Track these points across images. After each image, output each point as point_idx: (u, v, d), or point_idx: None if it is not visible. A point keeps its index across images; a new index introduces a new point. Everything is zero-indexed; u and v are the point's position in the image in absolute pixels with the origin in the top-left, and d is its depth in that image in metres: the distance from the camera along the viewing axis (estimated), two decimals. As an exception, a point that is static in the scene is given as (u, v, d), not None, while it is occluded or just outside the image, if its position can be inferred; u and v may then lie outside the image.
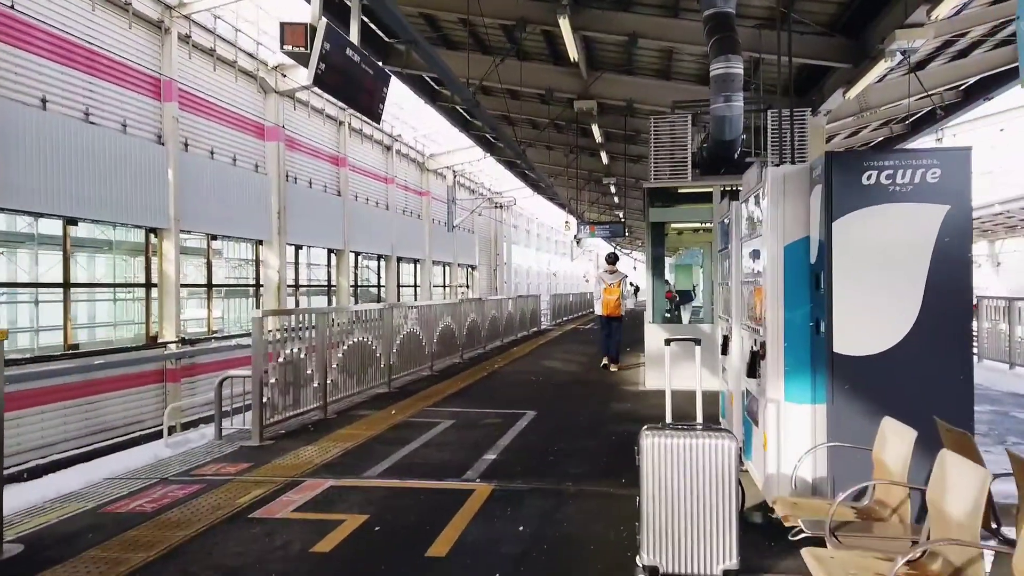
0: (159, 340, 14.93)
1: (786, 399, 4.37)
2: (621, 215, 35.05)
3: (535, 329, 22.88)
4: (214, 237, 17.39)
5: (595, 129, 21.49)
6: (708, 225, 13.79)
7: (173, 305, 15.03)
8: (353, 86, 5.82)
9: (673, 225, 13.96)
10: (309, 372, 7.83)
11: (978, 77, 14.92)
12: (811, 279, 4.30)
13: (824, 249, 4.07)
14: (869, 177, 3.96)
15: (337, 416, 8.12)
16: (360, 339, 9.20)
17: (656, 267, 10.29)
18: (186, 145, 15.84)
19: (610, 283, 11.99)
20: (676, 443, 3.52)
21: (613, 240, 49.23)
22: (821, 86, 12.74)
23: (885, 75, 14.67)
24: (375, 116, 6.49)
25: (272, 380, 7.06)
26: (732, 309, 6.15)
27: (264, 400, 6.90)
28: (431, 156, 32.04)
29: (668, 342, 5.22)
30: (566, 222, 25.22)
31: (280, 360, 7.24)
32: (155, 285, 15.06)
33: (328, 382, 8.22)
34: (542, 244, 60.10)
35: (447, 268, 35.86)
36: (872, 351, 3.95)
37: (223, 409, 7.42)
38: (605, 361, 12.45)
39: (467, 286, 39.05)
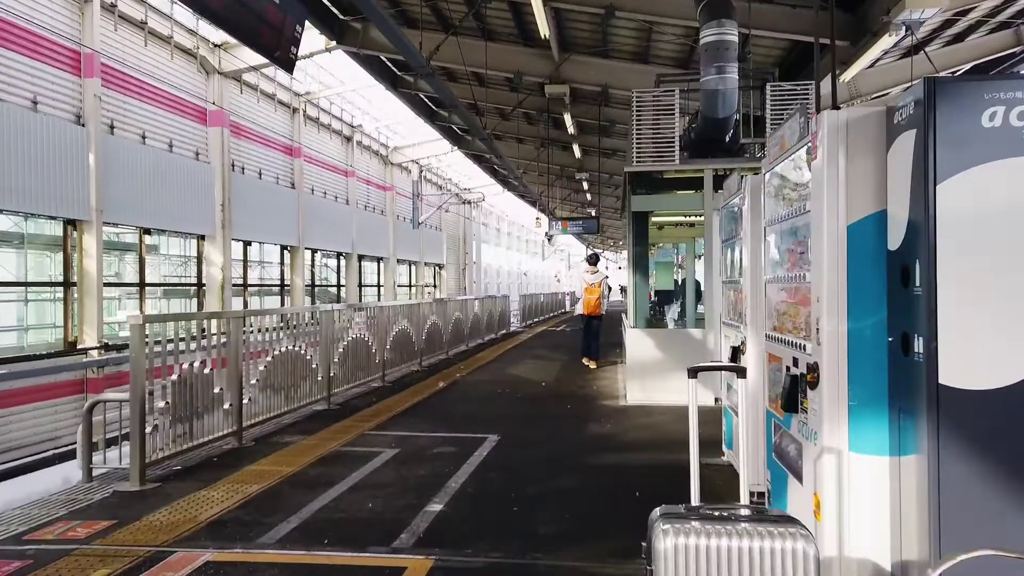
0: (79, 346, 13.23)
1: (851, 448, 3.01)
2: (594, 212, 33.81)
3: (504, 332, 21.48)
4: (147, 231, 15.69)
5: (567, 119, 20.14)
6: (694, 218, 12.56)
7: (95, 306, 13.33)
8: (250, 16, 4.32)
9: (654, 218, 12.70)
10: (218, 390, 6.32)
11: (974, 63, 13.92)
12: (890, 273, 2.95)
13: (919, 229, 2.70)
14: (993, 116, 2.60)
15: (255, 444, 6.62)
16: (290, 348, 7.70)
17: (638, 263, 8.95)
18: (112, 127, 14.13)
19: (591, 283, 11.97)
20: (715, 546, 2.11)
21: (586, 237, 48.06)
22: (809, 69, 11.54)
23: (879, 59, 13.58)
24: (285, 63, 5.03)
25: (162, 403, 5.55)
26: (748, 314, 4.77)
27: (150, 429, 5.39)
28: (395, 149, 30.46)
29: (694, 373, 3.68)
30: (537, 218, 23.93)
31: (174, 378, 5.74)
32: (74, 284, 13.35)
33: (245, 401, 6.73)
34: (513, 243, 58.75)
35: (413, 267, 34.30)
36: (1006, 382, 2.59)
37: (108, 437, 5.89)
38: (585, 361, 12.49)
39: (434, 286, 37.52)
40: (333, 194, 24.85)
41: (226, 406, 6.45)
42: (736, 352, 5.14)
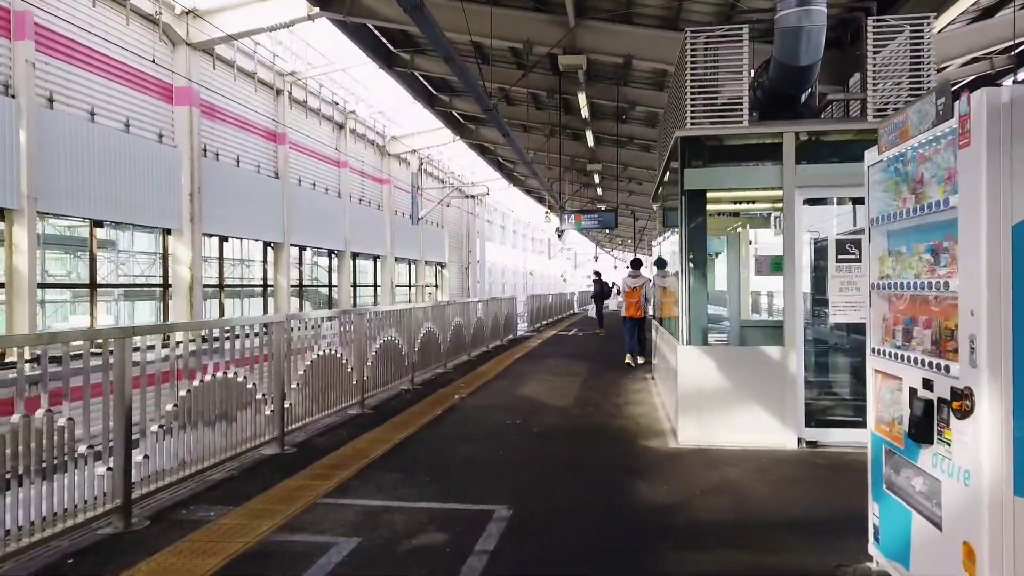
0: (5, 358, 11.12)
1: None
2: (605, 207, 31.57)
3: (510, 337, 19.32)
4: (99, 224, 13.58)
5: (581, 100, 17.97)
6: (743, 205, 10.39)
7: (26, 311, 11.22)
8: None
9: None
10: (80, 437, 4.18)
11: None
12: None
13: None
14: None
15: (150, 524, 4.47)
16: (221, 376, 5.55)
17: (695, 258, 6.76)
18: (51, 101, 12.02)
19: (632, 287, 12.64)
20: None
21: (602, 232, 45.88)
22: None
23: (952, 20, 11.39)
24: None
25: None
26: (984, 345, 2.67)
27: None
28: (392, 138, 28.32)
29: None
30: (546, 213, 21.82)
31: (14, 419, 3.61)
32: (1, 285, 11.24)
33: (138, 459, 4.59)
34: (518, 241, 56.61)
35: (412, 266, 32.17)
36: None
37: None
38: (628, 360, 12.62)
39: (436, 286, 35.40)
40: (323, 186, 22.72)
41: (101, 470, 4.30)
42: (935, 408, 2.98)
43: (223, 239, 17.59)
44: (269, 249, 19.77)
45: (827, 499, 4.93)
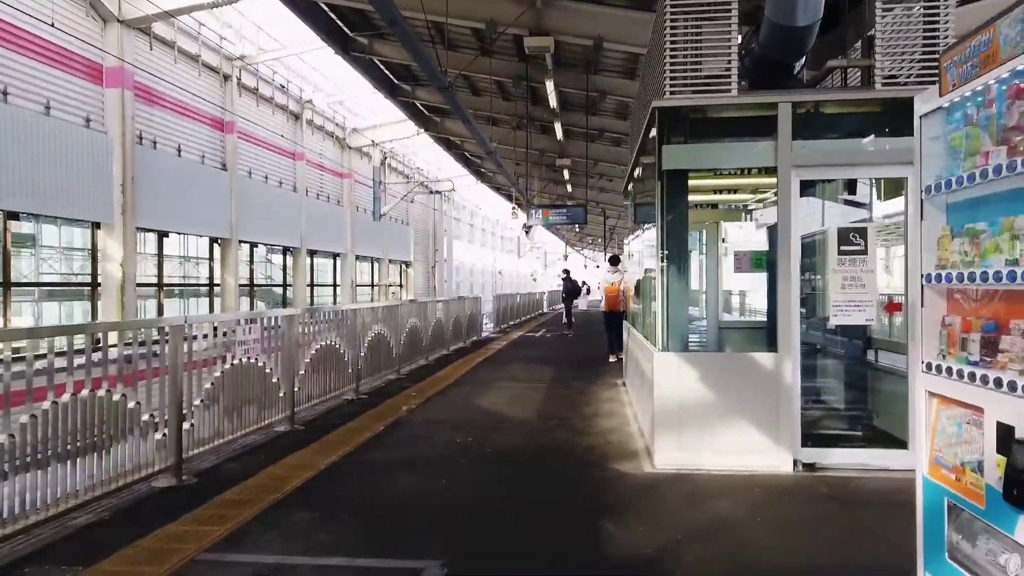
0: None
1: None
2: (573, 204, 30.58)
3: (474, 339, 18.27)
4: (13, 215, 12.24)
5: (549, 88, 17.00)
6: (723, 196, 9.52)
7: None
8: None
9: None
10: None
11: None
12: None
13: None
14: None
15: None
16: (87, 394, 4.43)
17: (674, 250, 5.77)
18: (-50, 76, 10.70)
19: (612, 282, 12.87)
20: None
21: (572, 231, 44.93)
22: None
23: None
24: None
25: None
26: None
27: None
28: (353, 131, 27.07)
29: None
30: (513, 210, 20.78)
31: None
32: None
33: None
34: (487, 240, 55.54)
35: (376, 264, 30.94)
36: None
37: None
38: (612, 358, 12.68)
39: (400, 285, 34.19)
40: (277, 179, 21.44)
41: None
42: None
43: (162, 234, 16.27)
44: (216, 246, 18.47)
45: (842, 547, 3.97)
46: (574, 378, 11.06)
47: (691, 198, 10.12)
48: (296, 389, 7.39)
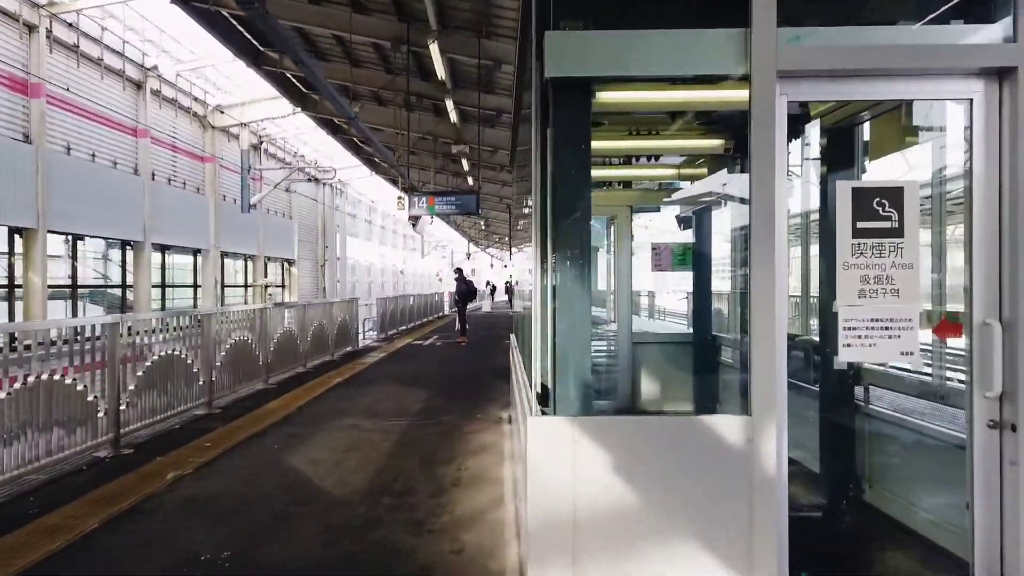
0: None
1: None
2: (460, 190, 27.79)
3: (347, 350, 15.35)
4: None
5: (435, 53, 14.28)
6: (632, 171, 7.20)
7: None
8: None
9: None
10: None
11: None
12: None
13: None
14: None
15: None
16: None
17: (564, 238, 3.16)
18: None
19: None
20: None
21: (477, 228, 42.21)
22: None
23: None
24: None
25: None
26: None
27: None
28: (218, 108, 23.46)
29: None
30: (399, 198, 17.99)
31: None
32: None
33: None
34: (387, 237, 52.16)
35: (250, 262, 27.31)
36: None
37: None
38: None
39: (282, 286, 30.61)
40: (109, 158, 17.75)
41: None
42: None
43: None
44: (17, 237, 14.73)
45: None
46: (450, 407, 8.41)
47: (602, 172, 7.74)
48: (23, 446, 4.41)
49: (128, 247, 18.92)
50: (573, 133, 3.18)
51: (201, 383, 8.13)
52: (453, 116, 19.15)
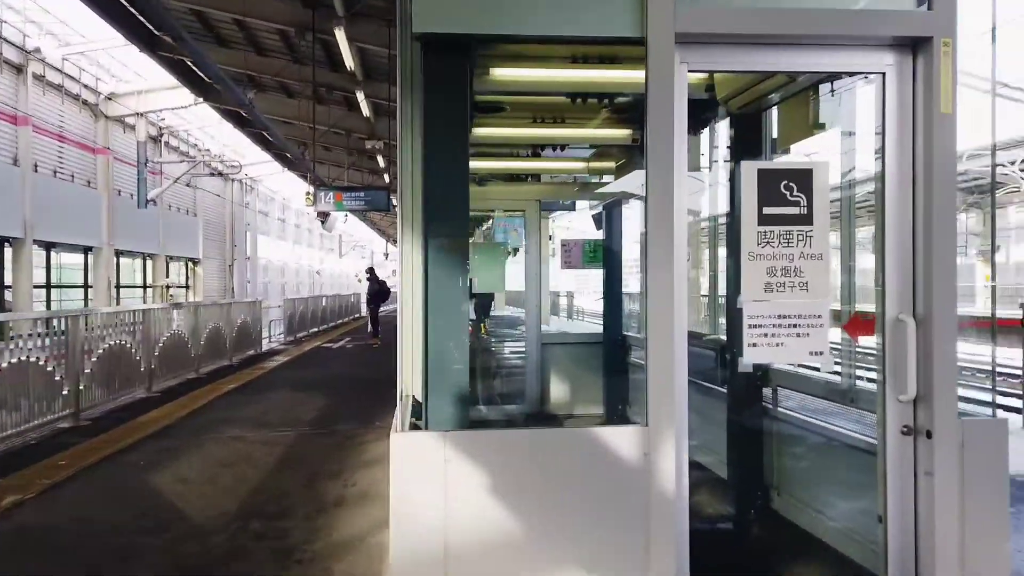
0: None
1: None
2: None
3: (250, 353, 14.51)
4: None
5: (342, 41, 13.58)
6: (539, 164, 6.88)
7: None
8: None
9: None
10: None
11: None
12: None
13: None
14: None
15: None
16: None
17: (438, 221, 2.72)
18: None
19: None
20: None
21: (382, 217, 41.07)
22: None
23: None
24: None
25: None
26: None
27: None
28: (112, 96, 21.94)
29: None
30: (308, 193, 17.09)
31: None
32: None
33: None
34: (302, 236, 50.53)
35: (149, 261, 25.72)
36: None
37: None
38: None
39: (186, 286, 29.03)
40: (-17, 147, 16.23)
41: None
42: None
43: None
44: None
45: None
46: (348, 414, 7.85)
47: (498, 164, 7.32)
48: None
49: (7, 244, 17.35)
50: (448, 102, 2.75)
51: (66, 393, 7.29)
52: (366, 110, 18.41)
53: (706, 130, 5.21)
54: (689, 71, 2.72)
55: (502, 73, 4.13)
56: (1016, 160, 23.06)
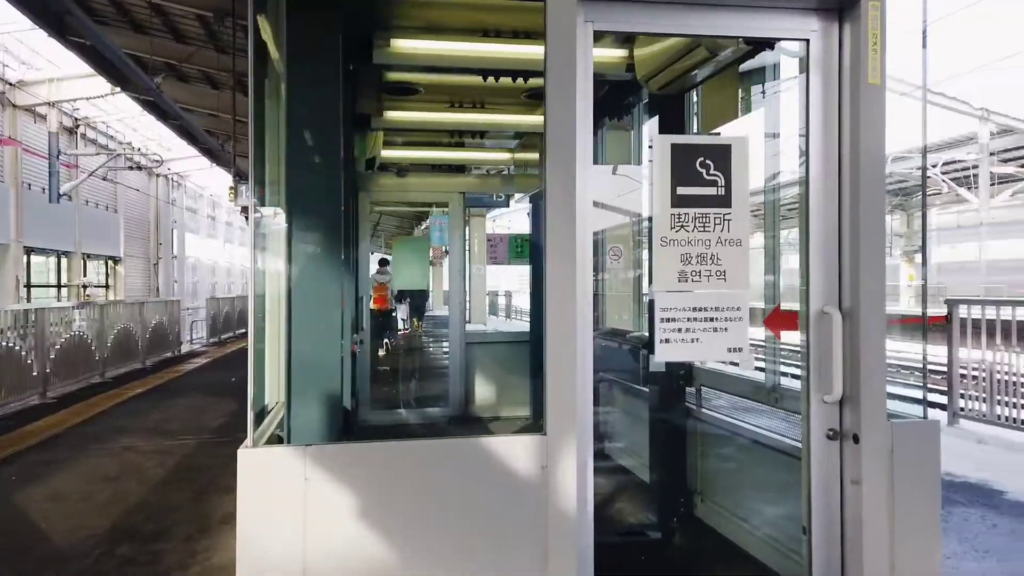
0: None
1: None
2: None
3: (168, 355, 13.70)
4: None
5: (269, 36, 12.92)
6: (463, 154, 6.59)
7: None
8: None
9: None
10: None
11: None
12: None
13: None
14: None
15: None
16: None
17: (301, 202, 2.35)
18: None
19: (381, 282, 12.04)
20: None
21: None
22: None
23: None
24: None
25: None
26: None
27: None
28: (20, 84, 20.60)
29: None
30: (230, 188, 16.30)
31: None
32: None
33: None
34: (234, 235, 48.88)
35: (64, 259, 24.29)
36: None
37: None
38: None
39: (106, 286, 27.56)
40: None
41: None
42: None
43: None
44: None
45: None
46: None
47: (406, 154, 6.92)
48: None
49: None
50: (315, 64, 2.37)
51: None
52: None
53: (646, 125, 4.94)
54: (595, 31, 2.41)
55: (405, 45, 3.77)
56: (937, 163, 23.84)
